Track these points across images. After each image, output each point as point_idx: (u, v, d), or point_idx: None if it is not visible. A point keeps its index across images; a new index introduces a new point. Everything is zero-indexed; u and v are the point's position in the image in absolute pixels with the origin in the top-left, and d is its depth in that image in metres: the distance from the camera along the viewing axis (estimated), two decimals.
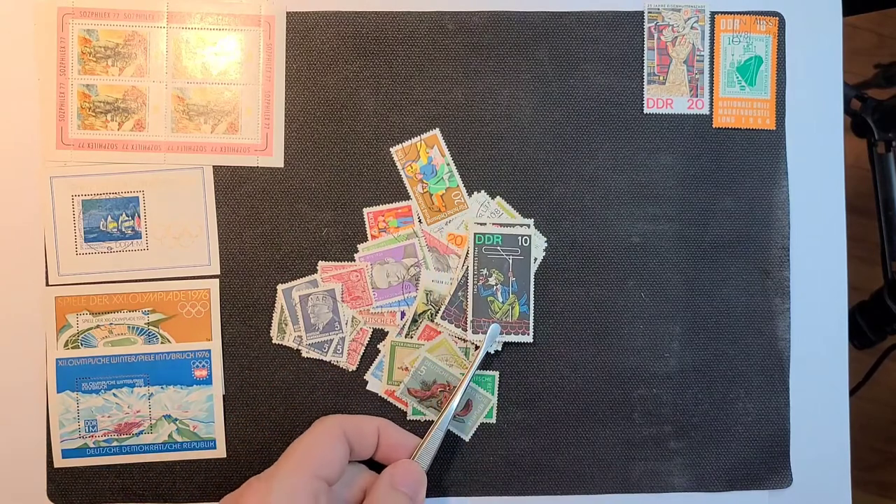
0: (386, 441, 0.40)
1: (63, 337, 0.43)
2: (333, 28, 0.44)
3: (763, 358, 0.45)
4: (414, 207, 0.44)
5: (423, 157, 0.44)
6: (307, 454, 0.36)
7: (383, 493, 0.37)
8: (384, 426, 0.40)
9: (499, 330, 0.43)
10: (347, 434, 0.38)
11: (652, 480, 0.44)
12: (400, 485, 0.38)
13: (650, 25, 0.44)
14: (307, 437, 0.37)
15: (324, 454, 0.36)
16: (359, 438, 0.38)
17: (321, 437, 0.37)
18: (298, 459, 0.36)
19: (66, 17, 0.43)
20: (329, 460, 0.36)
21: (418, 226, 0.44)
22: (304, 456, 0.36)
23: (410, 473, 0.38)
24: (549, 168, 0.44)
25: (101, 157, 0.43)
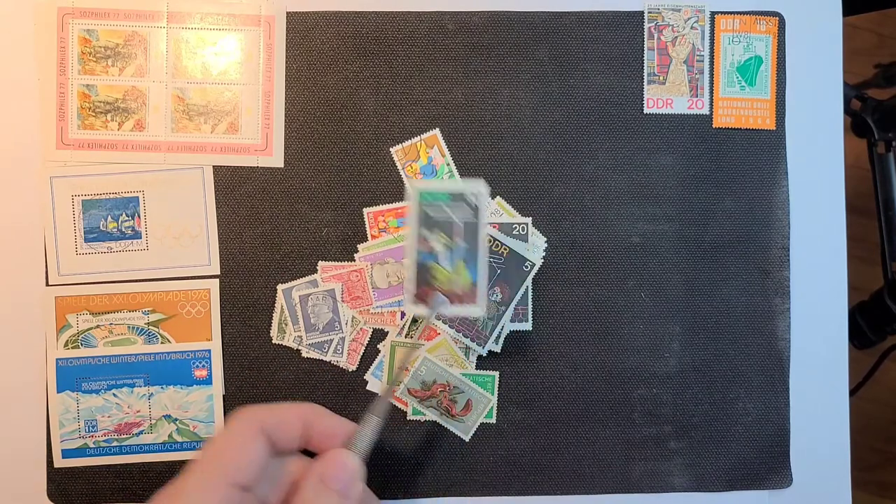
0: (317, 429, 0.36)
1: (63, 337, 0.43)
2: (333, 28, 0.44)
3: (763, 358, 0.45)
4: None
5: (423, 157, 0.44)
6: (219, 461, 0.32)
7: (311, 492, 0.33)
8: (312, 414, 0.36)
9: (443, 299, 0.38)
10: (266, 428, 0.34)
11: (652, 480, 0.44)
12: (330, 481, 0.34)
13: (650, 25, 0.44)
14: (219, 439, 0.34)
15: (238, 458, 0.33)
16: (280, 431, 0.35)
17: (234, 438, 0.34)
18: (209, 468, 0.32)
19: (66, 17, 0.43)
20: (244, 464, 0.33)
21: None
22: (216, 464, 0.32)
23: (341, 466, 0.34)
24: (549, 168, 0.44)
25: (101, 157, 0.43)
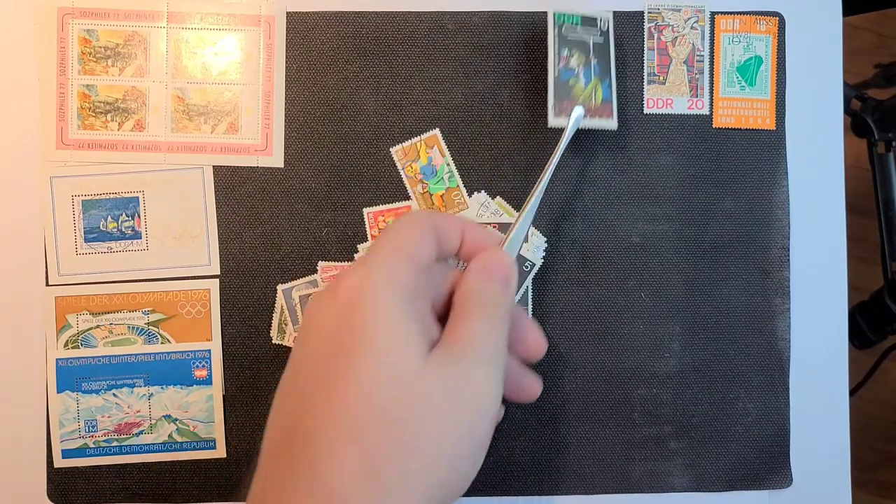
0: (470, 239, 0.37)
1: (63, 337, 0.43)
2: (333, 28, 0.44)
3: (763, 358, 0.45)
4: (414, 207, 0.44)
5: (423, 157, 0.44)
6: (398, 238, 0.34)
7: (475, 278, 0.35)
8: (468, 223, 0.37)
9: (583, 113, 0.40)
10: (435, 226, 0.35)
11: (652, 480, 0.44)
12: (492, 270, 0.35)
13: (650, 25, 0.44)
14: (396, 225, 0.35)
15: (416, 240, 0.34)
16: (445, 233, 0.36)
17: (410, 224, 0.35)
18: (391, 244, 0.33)
19: (66, 17, 0.43)
20: (422, 246, 0.34)
21: None
22: (400, 241, 0.33)
23: (500, 259, 0.36)
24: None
25: (101, 157, 0.43)
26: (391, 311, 0.31)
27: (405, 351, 0.30)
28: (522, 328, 0.37)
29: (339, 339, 0.31)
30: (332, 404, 0.29)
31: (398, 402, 0.29)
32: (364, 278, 0.31)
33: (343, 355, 0.30)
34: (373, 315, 0.30)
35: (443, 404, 0.30)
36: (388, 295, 0.31)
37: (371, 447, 0.29)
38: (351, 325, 0.30)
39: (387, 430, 0.29)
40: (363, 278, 0.31)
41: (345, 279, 0.32)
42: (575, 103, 0.40)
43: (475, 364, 0.31)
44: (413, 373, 0.30)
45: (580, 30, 0.40)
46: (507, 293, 0.35)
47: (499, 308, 0.34)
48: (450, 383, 0.30)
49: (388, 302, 0.31)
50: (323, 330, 0.31)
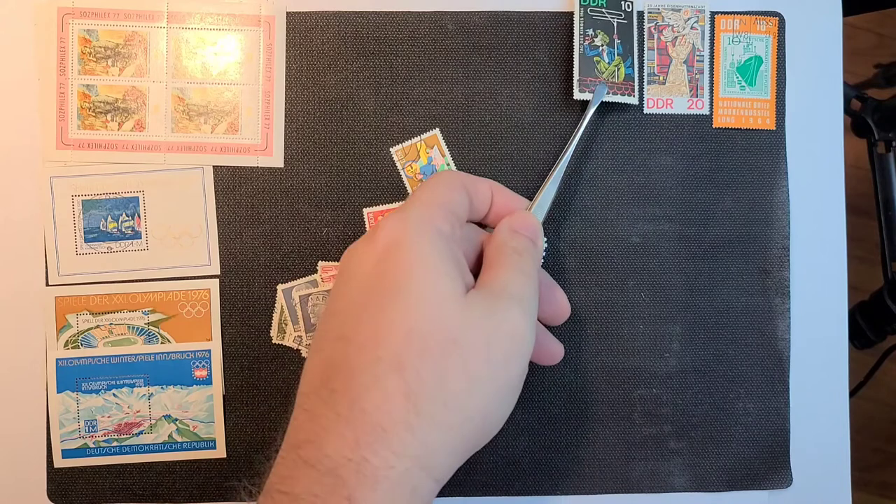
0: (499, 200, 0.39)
1: (63, 337, 0.43)
2: (333, 28, 0.44)
3: (763, 358, 0.45)
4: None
5: (423, 157, 0.44)
6: (435, 192, 0.35)
7: (504, 235, 0.36)
8: (497, 186, 0.39)
9: (605, 90, 0.42)
10: (467, 186, 0.37)
11: (652, 480, 0.44)
12: (520, 228, 0.37)
13: (650, 25, 0.44)
14: (429, 182, 0.36)
15: (450, 194, 0.35)
16: (475, 193, 0.37)
17: (445, 182, 0.36)
18: (426, 194, 0.35)
19: (66, 17, 0.43)
20: (456, 200, 0.35)
21: None
22: (434, 194, 0.35)
23: (528, 219, 0.37)
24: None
25: (101, 157, 0.43)
26: (430, 253, 0.32)
27: (445, 288, 0.31)
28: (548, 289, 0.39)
29: (379, 279, 0.31)
30: (375, 339, 0.30)
31: (439, 336, 0.30)
32: (402, 223, 0.32)
33: (385, 293, 0.31)
34: (413, 256, 0.31)
35: (481, 340, 0.31)
36: (426, 238, 0.32)
37: (412, 379, 0.29)
38: (391, 266, 0.31)
39: (428, 362, 0.30)
40: (401, 223, 0.32)
41: (383, 225, 0.33)
42: (599, 79, 0.42)
43: (511, 305, 0.32)
44: (453, 309, 0.31)
45: (605, 11, 0.43)
46: (535, 250, 0.37)
47: (528, 260, 0.35)
48: (488, 321, 0.31)
49: (426, 244, 0.32)
50: (363, 272, 0.32)
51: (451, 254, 0.33)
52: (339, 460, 0.29)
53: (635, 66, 0.44)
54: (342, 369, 0.30)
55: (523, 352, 0.33)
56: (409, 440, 0.29)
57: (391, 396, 0.29)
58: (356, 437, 0.29)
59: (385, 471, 0.28)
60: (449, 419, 0.30)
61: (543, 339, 0.39)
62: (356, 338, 0.31)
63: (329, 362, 0.31)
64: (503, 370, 0.32)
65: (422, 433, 0.29)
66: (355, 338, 0.31)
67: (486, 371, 0.31)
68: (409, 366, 0.29)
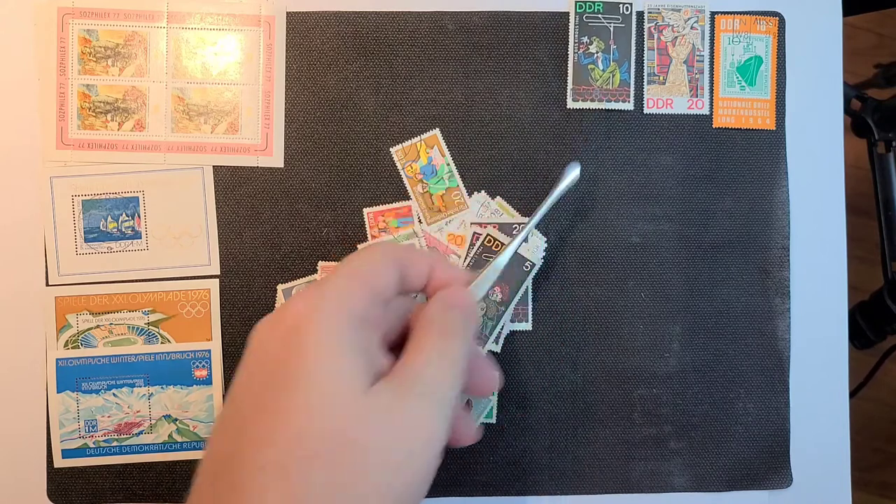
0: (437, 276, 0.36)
1: (63, 337, 0.43)
2: (333, 28, 0.44)
3: (763, 358, 0.45)
4: (414, 207, 0.44)
5: (423, 157, 0.44)
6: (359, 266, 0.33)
7: (434, 310, 0.34)
8: (437, 260, 0.36)
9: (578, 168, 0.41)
10: (400, 261, 0.34)
11: (652, 480, 0.44)
12: (454, 302, 0.34)
13: (650, 25, 0.44)
14: (359, 254, 0.34)
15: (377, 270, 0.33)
16: (410, 267, 0.35)
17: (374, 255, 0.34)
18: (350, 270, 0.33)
19: (66, 17, 0.43)
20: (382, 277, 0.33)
21: (418, 226, 0.44)
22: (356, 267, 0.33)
23: (464, 295, 0.35)
24: (549, 168, 0.44)
25: (101, 157, 0.43)
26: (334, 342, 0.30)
27: (345, 383, 0.29)
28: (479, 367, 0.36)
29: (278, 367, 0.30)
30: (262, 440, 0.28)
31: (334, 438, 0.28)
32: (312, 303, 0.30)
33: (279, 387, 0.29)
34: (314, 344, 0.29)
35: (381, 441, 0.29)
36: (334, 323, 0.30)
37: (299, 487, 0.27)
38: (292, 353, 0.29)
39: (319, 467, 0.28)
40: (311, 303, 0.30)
41: (292, 304, 0.31)
42: (592, 87, 0.43)
43: (420, 400, 0.30)
44: (352, 406, 0.29)
45: (602, 16, 0.43)
46: (467, 327, 0.34)
47: (455, 341, 0.33)
48: (391, 418, 0.29)
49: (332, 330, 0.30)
50: (264, 356, 0.30)
51: (359, 342, 0.31)
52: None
53: (632, 70, 0.44)
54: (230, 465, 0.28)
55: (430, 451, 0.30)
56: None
57: None
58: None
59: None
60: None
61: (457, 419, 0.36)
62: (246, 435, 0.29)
63: (219, 459, 0.30)
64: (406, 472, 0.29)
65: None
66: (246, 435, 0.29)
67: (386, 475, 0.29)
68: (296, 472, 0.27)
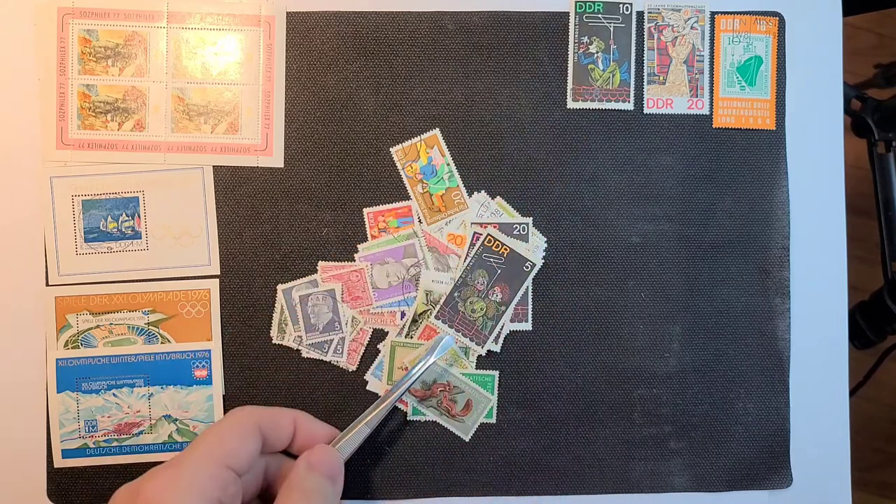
0: (303, 433, 0.38)
1: (63, 337, 0.43)
2: (333, 28, 0.44)
3: (763, 358, 0.45)
4: (414, 207, 0.44)
5: (423, 157, 0.44)
6: (217, 444, 0.34)
7: (300, 474, 0.36)
8: (301, 418, 0.39)
9: (452, 342, 0.42)
10: (261, 426, 0.37)
11: (652, 480, 0.44)
12: (318, 466, 0.36)
13: (650, 25, 0.44)
14: (217, 426, 0.36)
15: (234, 446, 0.35)
16: (273, 430, 0.37)
17: (233, 427, 0.36)
18: (207, 449, 0.34)
19: (66, 17, 0.43)
20: (240, 452, 0.35)
21: (418, 226, 0.44)
22: (214, 445, 0.34)
23: (327, 455, 0.37)
24: (549, 168, 0.44)
25: (101, 157, 0.43)
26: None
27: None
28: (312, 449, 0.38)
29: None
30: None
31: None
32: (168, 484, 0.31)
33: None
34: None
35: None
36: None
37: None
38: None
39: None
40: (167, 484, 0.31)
41: (150, 481, 0.32)
42: (592, 88, 0.43)
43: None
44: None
45: (602, 16, 0.43)
46: (329, 490, 0.36)
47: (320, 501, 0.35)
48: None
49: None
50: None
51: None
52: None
53: (632, 69, 0.44)
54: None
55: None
56: None
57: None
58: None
59: None
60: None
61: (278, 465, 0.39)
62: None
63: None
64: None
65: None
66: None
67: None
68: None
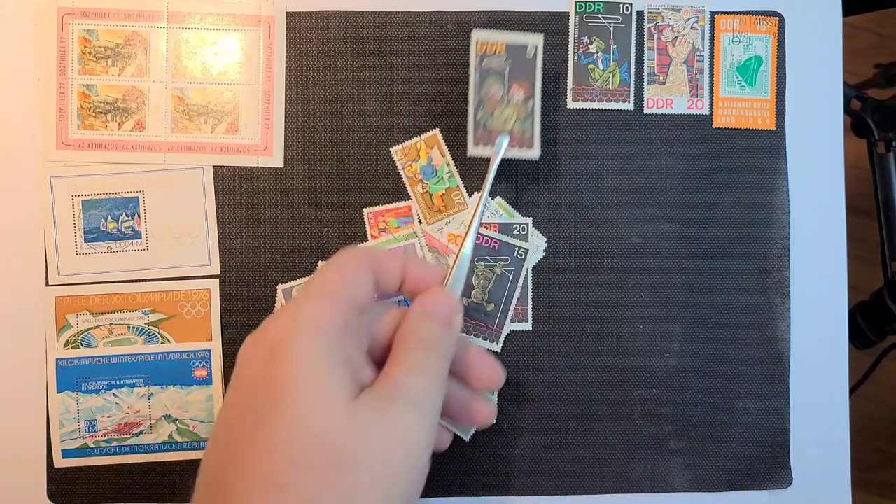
0: (412, 275, 0.36)
1: (63, 337, 0.43)
2: (333, 28, 0.44)
3: (763, 358, 0.45)
4: (414, 207, 0.44)
5: (423, 157, 0.44)
6: (334, 281, 0.33)
7: (416, 320, 0.34)
8: (409, 259, 0.36)
9: (506, 141, 0.41)
10: (372, 265, 0.35)
11: (652, 480, 0.44)
12: (433, 312, 0.35)
13: (650, 25, 0.44)
14: (330, 265, 0.34)
15: (349, 280, 0.33)
16: (384, 270, 0.35)
17: (346, 265, 0.34)
18: (324, 285, 0.33)
19: (66, 17, 0.43)
20: (355, 286, 0.33)
21: (418, 226, 0.44)
22: (331, 282, 0.33)
23: (441, 297, 0.35)
24: (549, 168, 0.44)
25: (101, 157, 0.43)
26: (314, 357, 0.30)
27: (330, 396, 0.30)
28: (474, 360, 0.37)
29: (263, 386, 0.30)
30: (253, 458, 0.29)
31: (322, 450, 0.29)
32: (289, 323, 0.31)
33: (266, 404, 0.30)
34: (296, 361, 0.30)
35: (368, 450, 0.29)
36: (312, 341, 0.31)
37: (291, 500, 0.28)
38: (276, 371, 0.30)
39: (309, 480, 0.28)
40: (288, 323, 0.31)
41: (271, 323, 0.32)
42: (592, 87, 0.43)
43: (403, 408, 0.31)
44: (338, 418, 0.29)
45: (602, 16, 0.43)
46: (448, 334, 0.35)
47: (437, 350, 0.34)
48: (377, 428, 0.30)
49: (311, 346, 0.30)
50: (249, 377, 0.31)
51: (340, 354, 0.31)
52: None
53: (632, 69, 0.44)
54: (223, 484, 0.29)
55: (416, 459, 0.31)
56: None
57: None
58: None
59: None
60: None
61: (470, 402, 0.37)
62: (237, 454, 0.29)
63: (213, 478, 0.30)
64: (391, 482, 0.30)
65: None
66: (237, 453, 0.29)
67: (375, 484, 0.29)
68: (288, 486, 0.28)
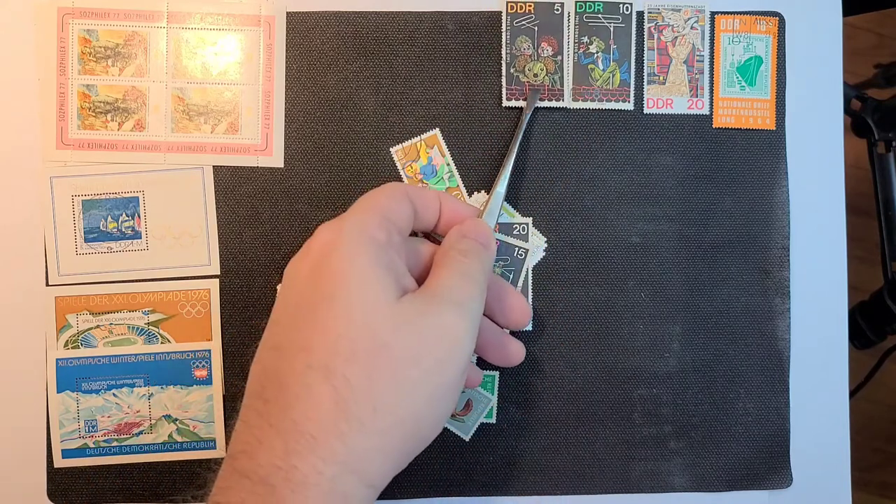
0: (448, 211, 0.38)
1: (63, 337, 0.43)
2: (333, 28, 0.44)
3: (763, 358, 0.45)
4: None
5: (423, 157, 0.44)
6: (377, 201, 0.35)
7: (455, 238, 0.36)
8: (445, 198, 0.38)
9: (538, 95, 0.43)
10: (412, 196, 0.36)
11: (652, 480, 0.44)
12: (469, 233, 0.36)
13: (650, 25, 0.44)
14: (372, 192, 0.36)
15: (393, 205, 0.35)
16: (422, 203, 0.37)
17: (386, 190, 0.36)
18: (368, 202, 0.35)
19: (66, 17, 0.43)
20: (396, 209, 0.35)
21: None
22: (374, 200, 0.35)
23: (478, 225, 0.37)
24: (549, 168, 0.44)
25: (101, 157, 0.43)
26: (361, 258, 0.32)
27: (376, 292, 0.31)
28: (506, 296, 0.38)
29: (312, 286, 0.32)
30: (305, 348, 0.30)
31: (369, 341, 0.30)
32: (336, 231, 0.33)
33: (316, 300, 0.31)
34: (344, 262, 0.32)
35: (412, 344, 0.31)
36: (358, 244, 0.32)
37: (341, 385, 0.30)
38: (324, 272, 0.32)
39: (356, 367, 0.30)
40: (335, 231, 0.33)
41: (318, 234, 0.33)
42: (592, 87, 0.43)
43: (447, 307, 0.32)
44: (384, 312, 0.31)
45: (602, 16, 0.43)
46: (486, 252, 0.36)
47: (474, 262, 0.35)
48: (420, 324, 0.31)
49: (357, 250, 0.32)
50: (298, 282, 0.33)
51: (384, 259, 0.33)
52: (270, 469, 0.29)
53: (632, 69, 0.44)
54: (274, 379, 0.31)
55: (459, 355, 0.32)
56: (338, 447, 0.29)
57: (320, 405, 0.29)
58: (286, 447, 0.29)
59: (314, 477, 0.29)
60: (378, 424, 0.30)
61: (504, 342, 0.39)
62: (288, 347, 0.31)
63: (264, 372, 0.32)
64: (436, 374, 0.31)
65: (351, 440, 0.29)
66: (288, 347, 0.31)
67: (417, 375, 0.31)
68: (337, 372, 0.30)
